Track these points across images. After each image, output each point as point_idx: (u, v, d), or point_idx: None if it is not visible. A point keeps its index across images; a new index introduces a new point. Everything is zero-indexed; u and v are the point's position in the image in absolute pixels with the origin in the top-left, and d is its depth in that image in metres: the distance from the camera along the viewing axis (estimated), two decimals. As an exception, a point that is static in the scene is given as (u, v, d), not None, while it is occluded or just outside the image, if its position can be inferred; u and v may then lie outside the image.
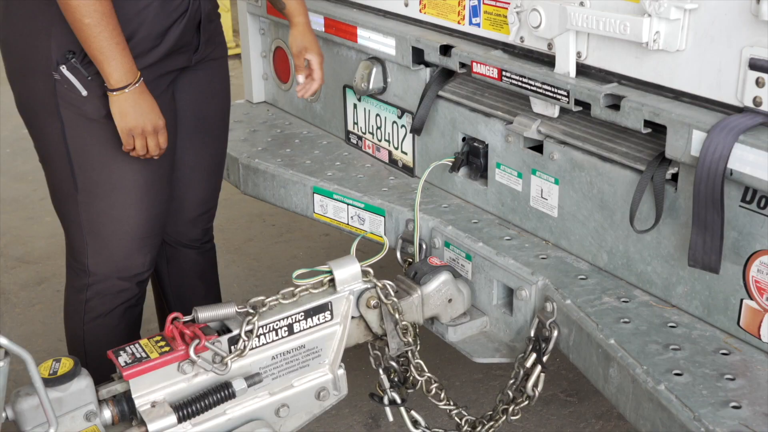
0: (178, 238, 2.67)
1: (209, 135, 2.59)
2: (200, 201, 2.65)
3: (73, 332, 2.49)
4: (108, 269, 2.38)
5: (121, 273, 2.38)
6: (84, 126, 2.20)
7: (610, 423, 2.98)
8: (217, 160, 2.66)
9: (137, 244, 2.37)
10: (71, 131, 2.21)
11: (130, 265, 2.39)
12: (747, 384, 1.72)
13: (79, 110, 2.18)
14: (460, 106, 2.46)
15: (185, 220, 2.64)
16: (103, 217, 2.31)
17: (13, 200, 4.59)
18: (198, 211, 2.66)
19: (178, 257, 2.71)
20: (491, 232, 2.34)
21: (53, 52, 2.13)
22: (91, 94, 2.16)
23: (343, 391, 2.10)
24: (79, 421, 1.79)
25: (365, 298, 2.05)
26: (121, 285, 2.40)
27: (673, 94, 1.90)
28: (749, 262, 1.78)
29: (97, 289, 2.39)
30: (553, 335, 2.02)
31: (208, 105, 2.56)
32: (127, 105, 2.14)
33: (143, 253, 2.39)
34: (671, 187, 1.91)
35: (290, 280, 2.00)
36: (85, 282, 2.39)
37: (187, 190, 2.59)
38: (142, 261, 2.40)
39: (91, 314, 2.42)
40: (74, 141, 2.22)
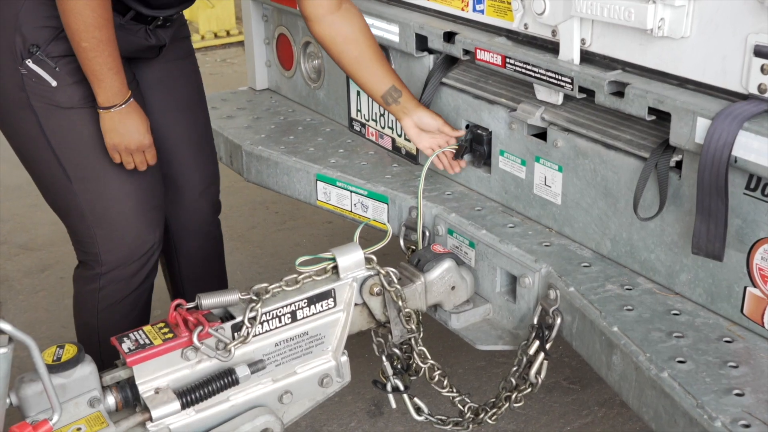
0: (187, 223, 2.67)
1: (186, 110, 2.61)
2: (199, 175, 2.66)
3: (84, 322, 2.48)
4: (121, 254, 2.38)
5: (134, 255, 2.39)
6: (60, 115, 2.22)
7: (613, 410, 2.98)
8: (200, 131, 2.67)
9: (144, 219, 2.38)
10: (47, 122, 2.22)
11: (141, 244, 2.39)
12: (750, 371, 1.71)
13: (50, 101, 2.20)
14: (463, 93, 2.46)
15: (191, 198, 2.65)
16: (104, 200, 2.31)
17: (16, 187, 4.60)
18: (200, 185, 2.67)
19: (187, 244, 2.71)
20: (494, 219, 2.34)
21: (18, 47, 2.14)
22: (60, 83, 2.18)
23: (346, 378, 2.10)
24: (82, 408, 1.80)
25: (368, 285, 2.05)
26: (134, 269, 2.41)
27: (677, 81, 1.89)
28: (753, 250, 1.78)
29: (110, 277, 2.40)
30: (556, 323, 2.02)
31: (176, 82, 2.58)
32: (113, 123, 2.21)
33: (152, 227, 2.40)
34: (675, 174, 1.91)
35: (293, 267, 2.00)
36: (98, 271, 2.39)
37: (183, 167, 2.61)
38: (152, 237, 2.41)
39: (104, 302, 2.41)
40: (53, 132, 2.23)
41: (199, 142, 2.67)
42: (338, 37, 2.35)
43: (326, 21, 2.33)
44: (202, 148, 2.68)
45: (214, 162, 2.74)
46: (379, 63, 2.39)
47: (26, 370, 1.76)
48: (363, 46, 2.36)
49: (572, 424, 2.93)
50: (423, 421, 2.31)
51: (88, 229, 2.35)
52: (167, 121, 2.56)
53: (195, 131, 2.65)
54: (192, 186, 2.65)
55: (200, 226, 2.73)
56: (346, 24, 2.34)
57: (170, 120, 2.57)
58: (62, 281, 3.84)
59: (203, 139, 2.69)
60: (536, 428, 2.92)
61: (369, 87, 2.41)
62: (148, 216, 2.39)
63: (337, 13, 2.33)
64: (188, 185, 2.65)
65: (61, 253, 4.03)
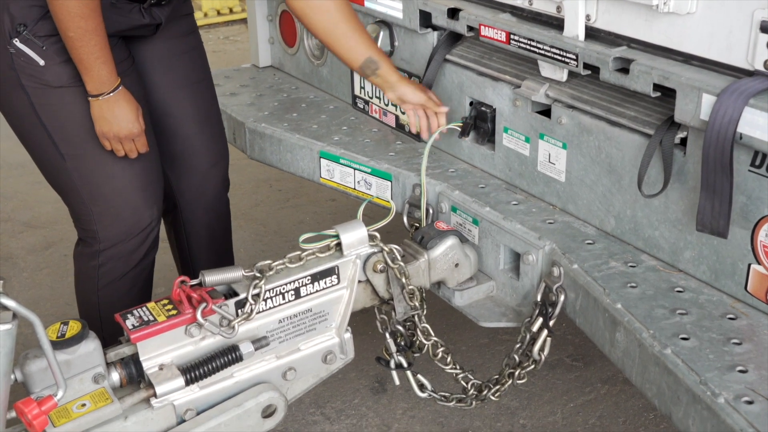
0: (196, 200, 2.67)
1: (189, 87, 2.59)
2: (206, 152, 2.64)
3: (86, 299, 2.49)
4: (118, 231, 2.38)
5: (132, 231, 2.39)
6: (50, 94, 2.22)
7: (616, 387, 2.99)
8: (206, 107, 2.65)
9: (140, 196, 2.37)
10: (38, 101, 2.23)
11: (138, 220, 2.39)
12: (754, 348, 1.72)
13: (40, 80, 2.20)
14: (467, 70, 2.45)
15: (199, 175, 2.64)
16: (99, 178, 2.31)
17: (19, 165, 4.60)
18: (208, 162, 2.65)
19: (195, 221, 2.71)
20: (498, 196, 2.33)
21: (5, 26, 2.14)
22: (48, 62, 2.18)
23: (349, 354, 2.10)
24: (87, 384, 1.80)
25: (372, 262, 2.05)
26: (133, 245, 2.41)
27: (682, 57, 1.89)
28: (757, 227, 1.77)
29: (109, 254, 2.40)
30: (560, 300, 2.02)
31: (179, 59, 2.56)
32: (102, 111, 2.21)
33: (148, 204, 2.40)
34: (680, 151, 1.90)
35: (297, 244, 2.00)
36: (97, 248, 2.39)
37: (189, 144, 2.60)
38: (149, 214, 2.40)
39: (104, 279, 2.42)
40: (44, 111, 2.23)
41: (206, 119, 2.65)
42: (307, 8, 2.33)
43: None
44: (209, 125, 2.67)
45: (222, 139, 2.72)
46: (354, 33, 2.35)
47: (31, 347, 1.77)
48: (336, 15, 2.33)
49: (575, 401, 2.94)
50: (426, 398, 2.31)
51: (85, 206, 2.35)
52: (171, 99, 2.55)
53: (200, 108, 2.63)
54: (200, 162, 2.64)
55: (209, 203, 2.72)
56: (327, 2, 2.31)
57: (174, 97, 2.56)
58: (66, 259, 3.85)
59: (209, 115, 2.68)
60: (539, 405, 2.92)
61: (345, 58, 2.40)
62: (144, 192, 2.39)
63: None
64: (196, 162, 2.64)
65: (65, 230, 4.03)
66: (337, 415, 2.89)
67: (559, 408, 2.91)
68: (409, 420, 2.86)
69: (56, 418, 1.75)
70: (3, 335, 1.54)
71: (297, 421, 2.87)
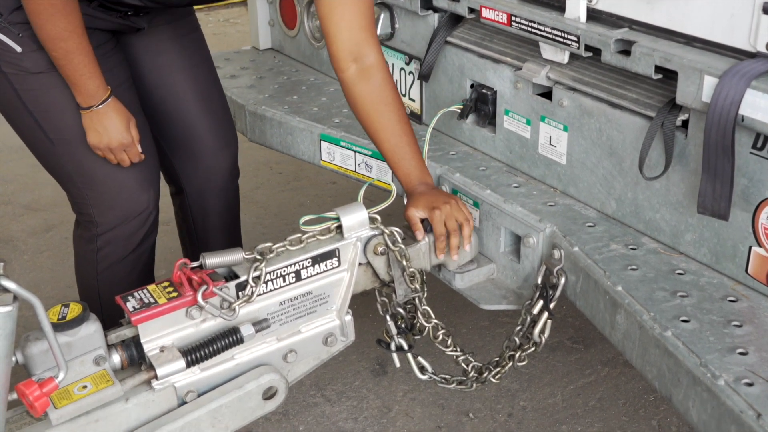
0: (203, 186, 2.65)
1: (187, 71, 2.57)
2: (211, 137, 2.61)
3: (85, 282, 2.49)
4: (114, 215, 2.37)
5: (128, 215, 2.38)
6: (31, 80, 2.22)
7: (616, 370, 3.00)
8: (206, 91, 2.63)
9: (134, 180, 2.36)
10: (21, 87, 2.23)
11: (134, 205, 2.37)
12: (754, 330, 1.72)
13: (19, 67, 2.20)
14: (468, 53, 2.44)
15: (206, 160, 2.62)
16: (89, 162, 2.30)
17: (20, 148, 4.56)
18: (213, 147, 2.62)
19: (203, 209, 2.69)
20: (499, 179, 2.33)
21: None
22: (25, 49, 2.18)
23: (350, 337, 2.11)
24: (88, 366, 1.81)
25: (372, 244, 2.05)
26: (130, 229, 2.40)
27: (684, 39, 1.88)
28: (758, 210, 1.77)
29: (107, 238, 2.40)
30: (561, 282, 2.02)
31: (174, 43, 2.55)
32: (92, 123, 2.23)
33: (144, 188, 2.38)
34: (681, 133, 1.90)
35: (297, 227, 2.00)
36: (94, 232, 2.39)
37: (193, 129, 2.58)
38: (146, 198, 2.39)
39: (103, 263, 2.42)
40: (28, 97, 2.24)
41: (207, 103, 2.63)
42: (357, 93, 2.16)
43: (349, 82, 2.14)
44: (211, 109, 2.64)
45: (228, 124, 2.69)
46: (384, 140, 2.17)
47: (31, 329, 1.77)
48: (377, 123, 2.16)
49: (575, 383, 2.94)
50: (427, 380, 2.32)
51: (79, 191, 2.35)
52: (167, 82, 2.54)
53: (201, 91, 2.61)
54: (204, 147, 2.62)
55: (217, 189, 2.69)
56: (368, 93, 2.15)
57: (171, 81, 2.55)
58: (66, 241, 3.85)
59: (211, 99, 2.65)
60: (539, 387, 2.93)
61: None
62: (138, 175, 2.37)
63: (360, 75, 2.13)
64: (200, 146, 2.61)
65: (65, 213, 4.02)
66: (337, 397, 2.90)
67: (560, 390, 2.92)
68: (410, 402, 2.87)
69: (57, 399, 1.76)
70: (4, 317, 1.53)
71: (298, 403, 2.87)
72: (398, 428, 2.77)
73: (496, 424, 2.78)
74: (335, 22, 2.09)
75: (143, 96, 2.50)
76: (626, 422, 2.77)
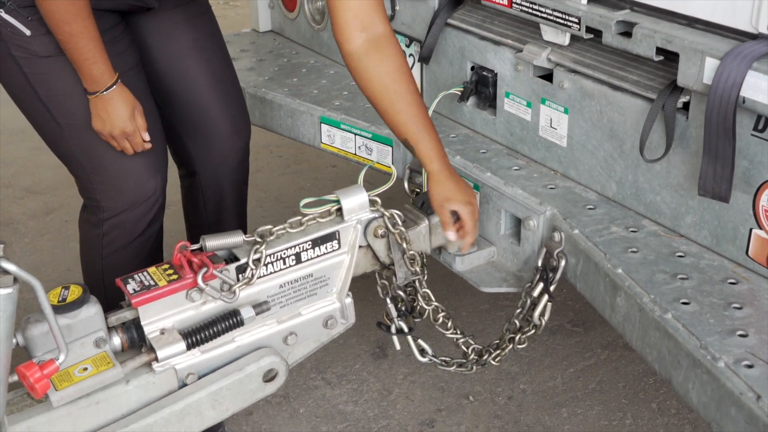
0: (218, 167, 2.62)
1: (197, 53, 2.54)
2: (223, 117, 2.58)
3: (90, 267, 2.49)
4: (121, 200, 2.36)
5: (135, 200, 2.36)
6: (39, 63, 2.21)
7: (616, 353, 3.00)
8: (218, 73, 2.59)
9: (142, 165, 2.34)
10: (30, 71, 2.21)
11: (141, 190, 2.36)
12: (754, 313, 1.72)
13: (28, 50, 2.19)
14: (469, 35, 2.43)
15: (219, 141, 2.59)
16: (97, 147, 2.29)
17: (20, 131, 4.58)
18: (227, 128, 2.59)
19: (215, 192, 2.67)
20: (499, 162, 2.33)
21: None
22: (34, 32, 2.17)
23: (350, 319, 2.11)
24: (88, 348, 1.81)
25: (373, 227, 2.05)
26: (137, 214, 2.38)
27: (686, 20, 1.87)
28: (759, 192, 1.77)
29: (113, 223, 2.38)
30: (561, 265, 2.02)
31: (183, 26, 2.52)
32: (96, 108, 2.21)
33: (151, 173, 2.36)
34: (682, 115, 1.89)
35: (297, 210, 2.00)
36: (100, 217, 2.38)
37: (205, 110, 2.55)
38: (153, 183, 2.37)
39: (109, 248, 2.41)
40: (36, 80, 2.22)
41: (220, 86, 2.58)
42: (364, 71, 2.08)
43: (357, 54, 2.06)
44: (225, 92, 2.60)
45: (241, 107, 2.65)
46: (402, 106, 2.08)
47: (32, 311, 1.77)
48: (393, 95, 2.08)
49: (575, 366, 2.95)
50: (427, 363, 2.32)
51: (87, 175, 2.34)
52: (179, 66, 2.51)
53: (213, 74, 2.57)
54: (219, 130, 2.58)
55: (230, 172, 2.66)
56: (381, 64, 2.06)
57: (182, 64, 2.52)
58: (67, 224, 3.85)
59: (224, 81, 2.60)
60: (539, 370, 2.94)
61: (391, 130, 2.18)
62: (146, 160, 2.35)
63: (370, 45, 2.05)
64: (216, 130, 2.58)
65: (66, 196, 4.03)
66: (338, 380, 2.91)
67: (559, 373, 2.92)
68: (410, 385, 2.88)
69: (58, 381, 1.76)
70: (4, 299, 1.54)
71: (298, 386, 2.88)
72: (398, 411, 2.78)
73: (496, 407, 2.78)
74: None
75: (155, 79, 2.48)
76: (626, 405, 2.78)
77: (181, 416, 1.88)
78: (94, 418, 1.83)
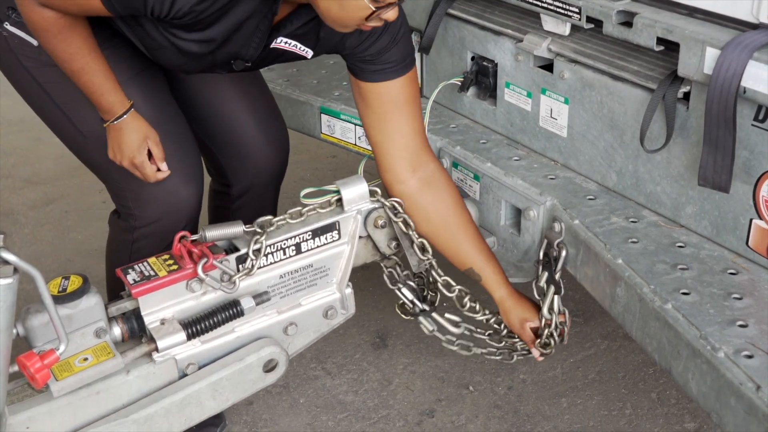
0: (255, 179, 2.51)
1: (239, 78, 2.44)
2: (259, 129, 2.46)
3: (115, 266, 2.41)
4: (154, 210, 2.24)
5: (168, 211, 2.24)
6: (51, 72, 2.14)
7: (616, 343, 3.00)
8: (249, 81, 2.48)
9: (176, 176, 2.20)
10: (44, 79, 2.17)
11: (174, 200, 2.23)
12: (754, 303, 1.72)
13: (38, 60, 2.15)
14: (469, 25, 2.42)
15: (256, 153, 2.48)
16: None
17: (20, 121, 4.58)
18: (262, 139, 2.47)
19: (246, 210, 2.54)
20: (500, 152, 2.33)
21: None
22: None
23: (350, 310, 2.11)
24: (89, 338, 1.81)
25: (373, 217, 2.05)
26: (170, 224, 2.23)
27: (686, 10, 1.87)
28: (760, 182, 1.77)
29: (144, 232, 2.27)
30: (561, 255, 2.02)
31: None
32: (109, 138, 2.14)
33: (184, 182, 2.23)
34: (683, 106, 1.89)
35: (298, 201, 2.00)
36: (132, 224, 2.28)
37: (240, 124, 2.45)
38: (186, 193, 2.23)
39: (137, 255, 2.25)
40: (51, 88, 2.18)
41: (251, 100, 2.47)
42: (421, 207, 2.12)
43: (412, 194, 2.10)
44: (256, 107, 2.48)
45: (275, 119, 2.52)
46: (461, 237, 2.15)
47: (32, 302, 1.77)
48: (449, 220, 2.13)
49: (575, 356, 2.95)
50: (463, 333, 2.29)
51: (117, 183, 2.26)
52: (211, 86, 2.41)
53: (243, 89, 2.46)
54: (253, 147, 2.46)
55: (265, 187, 2.55)
56: (437, 200, 2.12)
57: (214, 84, 2.41)
58: (67, 215, 3.85)
59: (254, 96, 2.49)
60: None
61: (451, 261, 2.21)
62: (179, 167, 2.22)
63: (423, 185, 2.10)
64: (249, 146, 2.46)
65: (66, 186, 4.03)
66: (338, 370, 2.91)
67: (559, 363, 2.93)
68: (410, 375, 2.88)
69: (58, 371, 1.77)
70: (4, 289, 1.54)
71: (298, 375, 2.88)
72: (398, 401, 2.78)
73: (496, 397, 2.79)
74: (389, 131, 2.05)
75: (183, 97, 2.39)
76: (626, 395, 2.78)
77: (181, 406, 1.89)
78: (95, 408, 1.83)
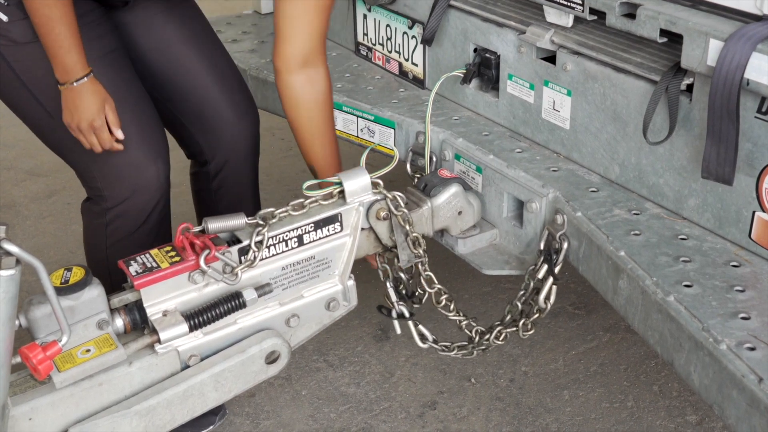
0: (231, 153, 2.57)
1: (188, 41, 2.50)
2: (228, 100, 2.52)
3: (94, 255, 2.44)
4: (123, 188, 2.30)
5: (136, 189, 2.30)
6: (21, 51, 2.16)
7: (618, 335, 3.01)
8: (212, 53, 2.54)
9: (140, 152, 2.28)
10: (12, 58, 2.18)
11: (143, 177, 2.30)
12: (757, 295, 1.72)
13: (7, 38, 2.16)
14: (471, 16, 2.42)
15: (228, 125, 2.53)
16: None
17: (22, 113, 4.58)
18: (233, 110, 2.52)
19: (225, 182, 2.62)
20: (502, 144, 2.32)
21: None
22: (12, 18, 2.13)
23: (352, 302, 2.11)
24: (91, 330, 1.81)
25: (375, 209, 2.05)
26: (140, 202, 2.31)
27: (690, 2, 1.86)
28: (763, 175, 1.76)
29: (116, 212, 2.32)
30: (563, 247, 2.02)
31: (166, 15, 2.47)
32: (66, 101, 2.15)
33: (151, 159, 2.29)
34: (686, 98, 1.88)
35: (299, 193, 2.00)
36: (103, 206, 2.33)
37: (208, 96, 2.50)
38: (154, 170, 2.30)
39: (113, 237, 2.35)
40: (21, 68, 2.19)
41: (217, 71, 2.53)
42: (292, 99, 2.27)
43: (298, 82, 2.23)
44: (222, 77, 2.53)
45: (241, 89, 2.58)
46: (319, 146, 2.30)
47: (34, 293, 1.77)
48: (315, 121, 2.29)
49: (577, 349, 2.96)
50: (427, 349, 2.32)
51: (85, 164, 2.29)
52: (173, 59, 2.46)
53: (207, 61, 2.51)
54: (225, 118, 2.52)
55: (242, 159, 2.60)
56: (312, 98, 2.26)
57: (175, 57, 2.46)
58: (69, 207, 3.85)
59: (219, 66, 2.54)
60: (541, 353, 2.94)
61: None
62: (144, 146, 2.28)
63: (309, 75, 2.23)
64: (221, 118, 2.52)
65: (68, 178, 4.03)
66: (340, 362, 2.92)
67: (561, 356, 2.93)
68: (412, 367, 2.89)
69: (61, 363, 1.77)
70: (7, 281, 1.54)
71: (300, 368, 2.89)
72: (400, 393, 2.78)
73: (498, 389, 2.79)
74: (294, 24, 2.16)
75: (149, 74, 2.43)
76: (627, 387, 2.79)
77: (183, 398, 1.89)
78: (97, 400, 1.83)
